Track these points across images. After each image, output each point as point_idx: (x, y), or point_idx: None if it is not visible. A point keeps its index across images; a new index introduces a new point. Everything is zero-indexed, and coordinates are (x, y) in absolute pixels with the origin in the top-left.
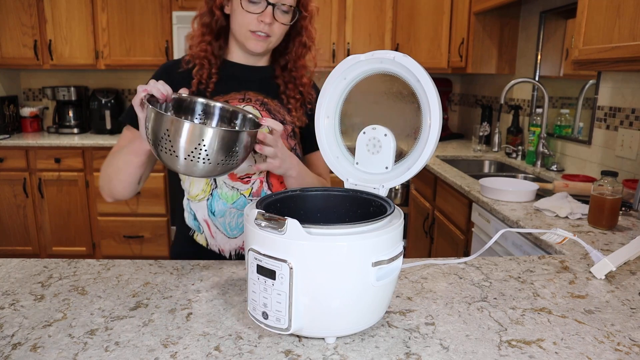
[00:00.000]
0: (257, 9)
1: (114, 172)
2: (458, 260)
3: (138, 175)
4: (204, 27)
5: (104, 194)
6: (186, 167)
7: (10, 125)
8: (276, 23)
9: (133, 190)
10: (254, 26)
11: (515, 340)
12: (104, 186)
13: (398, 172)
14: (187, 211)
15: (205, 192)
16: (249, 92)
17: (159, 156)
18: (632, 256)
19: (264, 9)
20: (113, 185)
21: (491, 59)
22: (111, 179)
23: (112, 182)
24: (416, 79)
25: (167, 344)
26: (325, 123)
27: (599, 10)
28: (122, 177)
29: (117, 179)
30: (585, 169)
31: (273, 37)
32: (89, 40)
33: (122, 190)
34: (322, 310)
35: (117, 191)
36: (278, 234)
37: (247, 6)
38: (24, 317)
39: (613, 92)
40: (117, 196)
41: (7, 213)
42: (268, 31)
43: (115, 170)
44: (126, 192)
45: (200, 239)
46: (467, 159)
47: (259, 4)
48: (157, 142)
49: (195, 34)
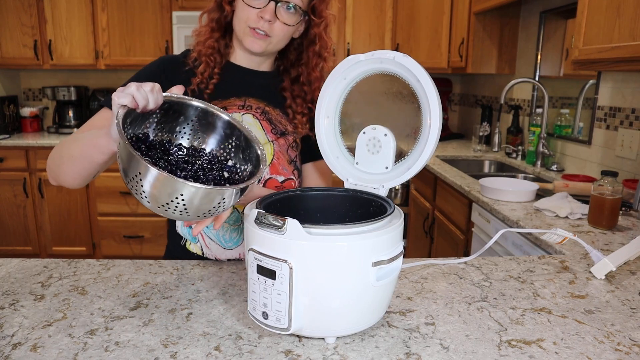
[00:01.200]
0: (259, 4)
1: (68, 159)
2: (458, 260)
3: (94, 172)
4: (213, 22)
5: (49, 175)
6: (158, 213)
7: (10, 125)
8: (277, 22)
9: (82, 184)
10: (253, 22)
11: (515, 340)
12: (52, 168)
13: (398, 172)
14: (178, 221)
15: None
16: (250, 99)
17: (128, 186)
18: (632, 256)
19: (266, 5)
20: (62, 171)
21: (491, 59)
22: (62, 165)
23: (62, 168)
24: (416, 79)
25: (167, 344)
26: (325, 123)
27: (599, 10)
28: (75, 169)
29: (70, 168)
30: (585, 169)
31: (273, 38)
32: (89, 40)
33: (70, 180)
34: (322, 310)
35: (65, 180)
36: (278, 234)
37: (249, 0)
38: (24, 317)
39: (613, 92)
40: (63, 184)
41: (7, 213)
42: (268, 30)
43: (69, 158)
44: (74, 183)
45: (194, 248)
46: (467, 159)
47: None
48: (127, 176)
49: (203, 30)
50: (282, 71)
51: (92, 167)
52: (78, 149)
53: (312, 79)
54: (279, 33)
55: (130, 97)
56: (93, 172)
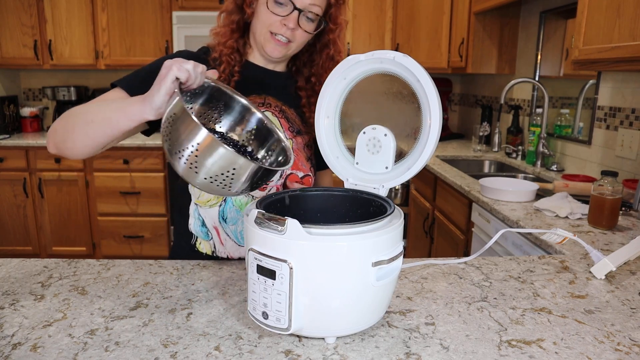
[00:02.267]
0: (283, 12)
1: (85, 124)
2: (458, 260)
3: (109, 141)
4: (234, 24)
5: (52, 142)
6: (200, 184)
7: (10, 125)
8: (299, 30)
9: (90, 153)
10: (276, 28)
11: (515, 340)
12: (60, 133)
13: (398, 172)
14: (193, 217)
15: (218, 198)
16: (269, 97)
17: (169, 154)
18: (632, 256)
19: (290, 13)
20: (73, 137)
21: (491, 59)
22: (74, 130)
23: (74, 133)
24: (416, 79)
25: (167, 344)
26: (325, 123)
27: (599, 10)
28: (91, 134)
29: (84, 133)
30: (585, 169)
31: (293, 44)
32: (89, 40)
33: (79, 147)
34: (322, 310)
35: (72, 147)
36: (278, 234)
37: (272, 7)
38: (24, 317)
39: (613, 92)
40: (67, 152)
41: (7, 213)
42: (290, 36)
43: (86, 123)
44: (83, 151)
45: (204, 247)
46: (467, 159)
47: (285, 6)
48: (177, 146)
49: (223, 31)
50: (294, 72)
51: (112, 133)
52: (100, 114)
53: (322, 80)
54: (299, 40)
55: (188, 74)
56: (108, 141)
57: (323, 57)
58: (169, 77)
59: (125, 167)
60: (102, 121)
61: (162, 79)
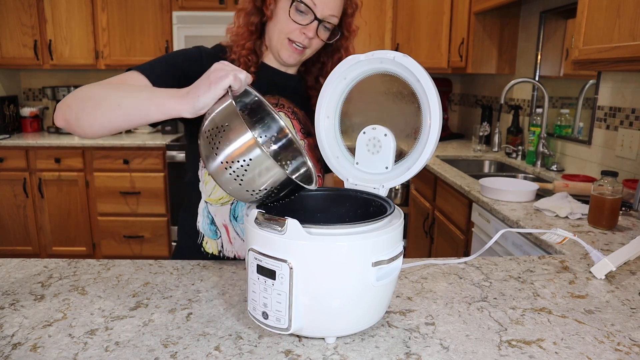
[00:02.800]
0: (303, 21)
1: (109, 107)
2: (458, 260)
3: (130, 127)
4: (253, 26)
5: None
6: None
7: (10, 125)
8: (316, 38)
9: (104, 133)
10: (294, 36)
11: (515, 340)
12: (75, 111)
13: (398, 172)
14: (202, 215)
15: (230, 197)
16: (282, 99)
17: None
18: (632, 256)
19: (310, 22)
20: (93, 117)
21: (491, 59)
22: (94, 111)
23: (95, 115)
24: (416, 79)
25: (167, 344)
26: (325, 123)
27: (599, 10)
28: (115, 119)
29: (107, 116)
30: (585, 169)
31: (308, 50)
32: (89, 40)
33: (97, 127)
34: (322, 310)
35: (89, 127)
36: (278, 234)
37: (294, 15)
38: (24, 317)
39: (613, 92)
40: (79, 130)
41: (7, 213)
42: (307, 44)
43: (110, 106)
44: (98, 133)
45: (210, 247)
46: (467, 159)
47: (306, 15)
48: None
49: (241, 32)
50: (304, 72)
51: (138, 122)
52: (129, 100)
53: None
54: (314, 47)
55: (240, 84)
56: (130, 127)
57: (334, 60)
58: (222, 84)
59: (125, 167)
60: (131, 108)
61: (214, 83)
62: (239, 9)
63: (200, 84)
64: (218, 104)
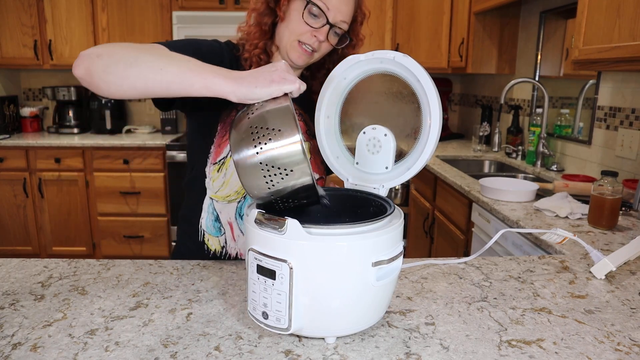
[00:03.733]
0: (315, 24)
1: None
2: (458, 260)
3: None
4: (266, 26)
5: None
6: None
7: (10, 125)
8: (326, 42)
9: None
10: (305, 38)
11: (515, 340)
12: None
13: (398, 172)
14: (207, 212)
15: (238, 194)
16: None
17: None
18: (632, 256)
19: (322, 26)
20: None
21: (491, 59)
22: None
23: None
24: (416, 79)
25: (167, 344)
26: (326, 123)
27: (599, 10)
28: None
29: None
30: (585, 169)
31: (317, 54)
32: (89, 40)
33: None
34: (322, 310)
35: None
36: (278, 234)
37: (307, 18)
38: (24, 317)
39: (613, 92)
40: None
41: (7, 213)
42: (317, 47)
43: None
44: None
45: (212, 243)
46: (467, 159)
47: (318, 19)
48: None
49: (253, 32)
50: (309, 76)
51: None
52: (174, 66)
53: None
54: (323, 51)
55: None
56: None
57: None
58: (285, 87)
59: (125, 167)
60: (175, 75)
61: (277, 82)
62: (252, 8)
63: (259, 77)
64: (272, 103)
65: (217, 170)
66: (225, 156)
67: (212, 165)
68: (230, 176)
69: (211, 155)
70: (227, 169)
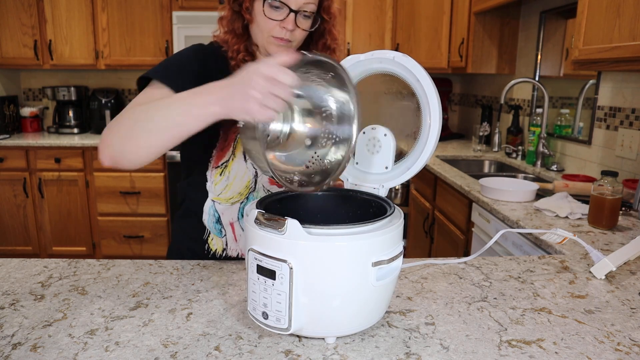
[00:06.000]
0: (279, 16)
1: (141, 131)
2: (458, 260)
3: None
4: (239, 30)
5: (109, 155)
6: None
7: (10, 125)
8: (298, 29)
9: (152, 159)
10: (276, 32)
11: (515, 340)
12: (114, 145)
13: (398, 172)
14: (207, 213)
15: (241, 195)
16: None
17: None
18: (632, 256)
19: (286, 16)
20: (136, 148)
21: (491, 59)
22: (131, 139)
23: (132, 142)
24: (416, 79)
25: (167, 344)
26: None
27: (599, 10)
28: (154, 143)
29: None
30: (585, 169)
31: (294, 42)
32: (89, 40)
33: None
34: (322, 310)
35: (138, 158)
36: (278, 234)
37: (269, 12)
38: (24, 317)
39: (613, 92)
40: (130, 164)
41: (7, 213)
42: (290, 37)
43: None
44: (150, 159)
45: (215, 244)
46: (467, 159)
47: (281, 9)
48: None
49: (230, 38)
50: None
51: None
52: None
53: None
54: (299, 38)
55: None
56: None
57: (319, 47)
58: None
59: None
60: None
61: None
62: (221, 17)
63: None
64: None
65: (220, 173)
66: (228, 159)
67: (214, 169)
68: (233, 179)
69: (213, 159)
70: (230, 172)
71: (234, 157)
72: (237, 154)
